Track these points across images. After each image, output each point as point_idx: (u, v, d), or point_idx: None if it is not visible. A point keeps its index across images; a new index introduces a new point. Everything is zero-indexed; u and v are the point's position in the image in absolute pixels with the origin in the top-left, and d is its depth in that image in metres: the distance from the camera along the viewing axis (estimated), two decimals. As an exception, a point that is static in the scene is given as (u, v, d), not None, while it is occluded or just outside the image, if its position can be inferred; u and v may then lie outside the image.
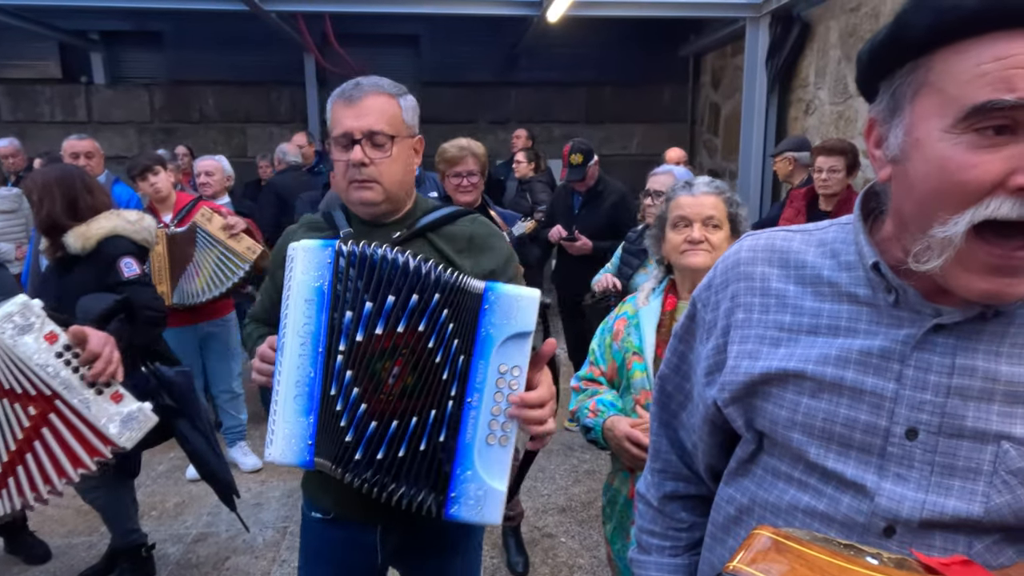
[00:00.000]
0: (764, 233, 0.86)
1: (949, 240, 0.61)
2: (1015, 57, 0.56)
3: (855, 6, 4.65)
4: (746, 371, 0.79)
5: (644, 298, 1.78)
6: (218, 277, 3.36)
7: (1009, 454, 0.65)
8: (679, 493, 1.00)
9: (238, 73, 7.50)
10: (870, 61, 0.69)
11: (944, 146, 0.61)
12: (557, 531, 3.16)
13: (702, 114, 7.71)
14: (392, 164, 1.35)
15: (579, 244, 3.89)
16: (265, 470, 3.75)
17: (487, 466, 1.14)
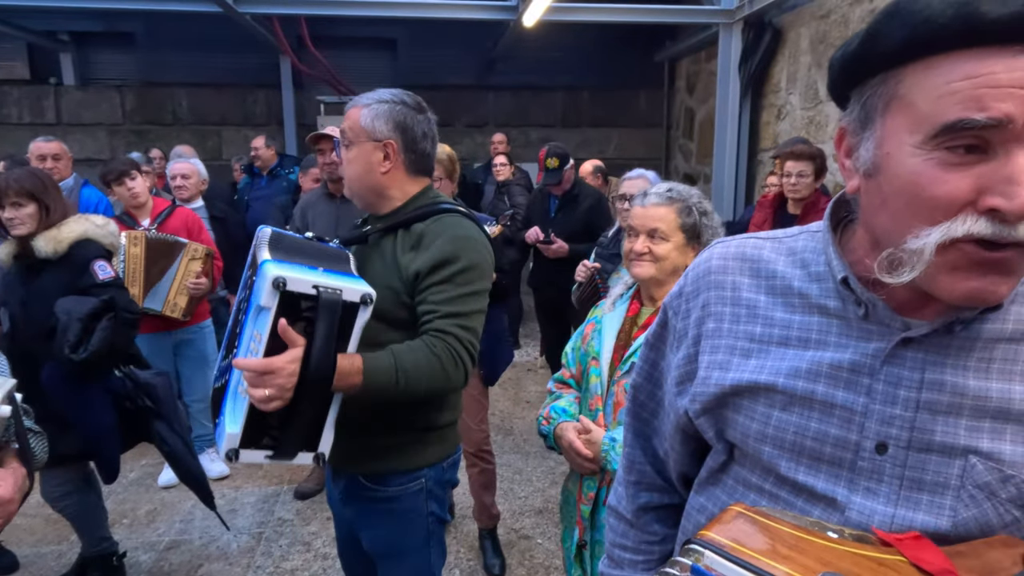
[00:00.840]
0: (735, 241, 0.85)
1: (919, 253, 0.60)
2: (986, 76, 0.55)
3: (825, 13, 4.74)
4: (717, 382, 0.79)
5: (611, 304, 1.80)
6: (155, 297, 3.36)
7: (976, 468, 0.65)
8: (653, 504, 0.99)
9: (212, 75, 7.43)
10: (842, 69, 0.68)
11: (915, 162, 0.60)
12: (534, 533, 3.18)
13: (677, 118, 7.80)
14: (349, 165, 1.57)
15: (555, 247, 3.91)
16: (239, 476, 3.72)
17: (232, 412, 1.34)
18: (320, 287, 1.28)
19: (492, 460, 2.97)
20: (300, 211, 3.13)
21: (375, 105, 1.54)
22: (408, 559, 1.68)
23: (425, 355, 1.43)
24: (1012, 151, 0.56)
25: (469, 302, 1.50)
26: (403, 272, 1.50)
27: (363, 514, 1.67)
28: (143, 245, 3.28)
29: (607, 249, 3.04)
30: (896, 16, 0.59)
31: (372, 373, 1.37)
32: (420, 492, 1.63)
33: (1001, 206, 0.56)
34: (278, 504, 3.42)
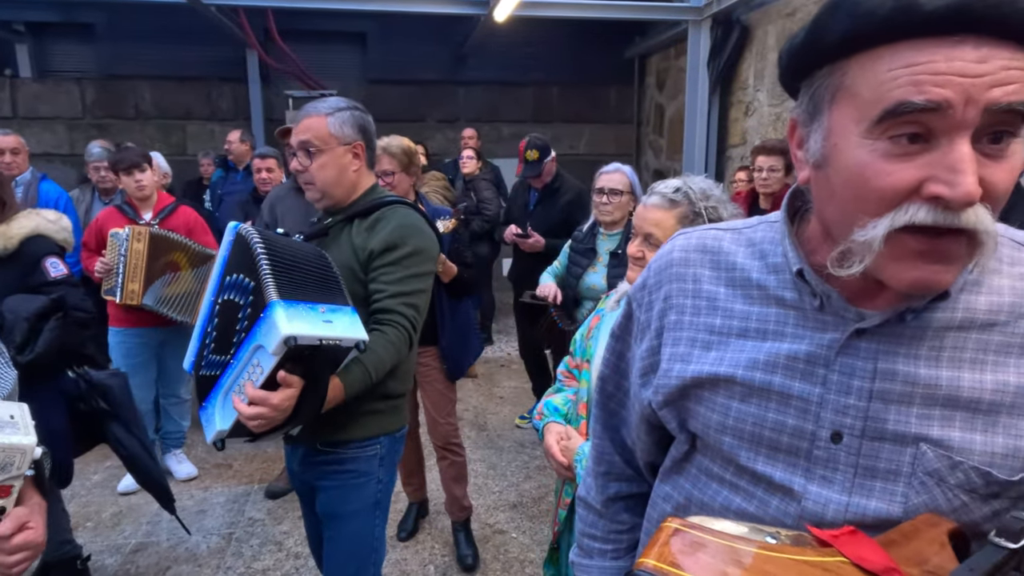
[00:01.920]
0: (695, 232, 0.86)
1: (869, 244, 0.61)
2: (924, 64, 0.56)
3: (791, 11, 4.82)
4: (678, 374, 0.80)
5: (614, 302, 1.69)
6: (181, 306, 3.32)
7: (927, 455, 0.66)
8: (622, 494, 1.00)
9: (176, 68, 7.25)
10: (789, 62, 0.69)
11: (861, 152, 0.61)
12: (508, 527, 3.18)
13: (647, 114, 7.85)
14: (320, 170, 1.71)
15: (531, 241, 3.87)
16: (209, 477, 3.65)
17: (222, 407, 1.50)
18: (324, 341, 1.38)
19: (461, 452, 2.97)
20: (269, 205, 3.09)
21: (338, 112, 1.73)
22: (352, 521, 1.81)
23: (383, 345, 1.63)
24: (954, 139, 0.57)
25: (413, 282, 1.72)
26: (358, 253, 1.71)
27: (319, 476, 1.81)
28: (146, 241, 3.21)
29: (581, 244, 3.03)
30: (839, 9, 0.61)
31: (351, 386, 1.59)
32: (375, 457, 1.81)
33: (944, 194, 0.57)
34: (248, 504, 3.37)
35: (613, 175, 2.85)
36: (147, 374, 3.50)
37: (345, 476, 1.78)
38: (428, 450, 3.22)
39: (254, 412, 1.40)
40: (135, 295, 3.21)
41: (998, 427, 0.65)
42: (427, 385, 2.87)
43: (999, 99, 0.56)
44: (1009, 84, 0.56)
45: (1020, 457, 0.65)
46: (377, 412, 1.79)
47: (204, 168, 5.81)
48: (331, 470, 1.79)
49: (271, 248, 1.48)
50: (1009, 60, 0.56)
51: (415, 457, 3.08)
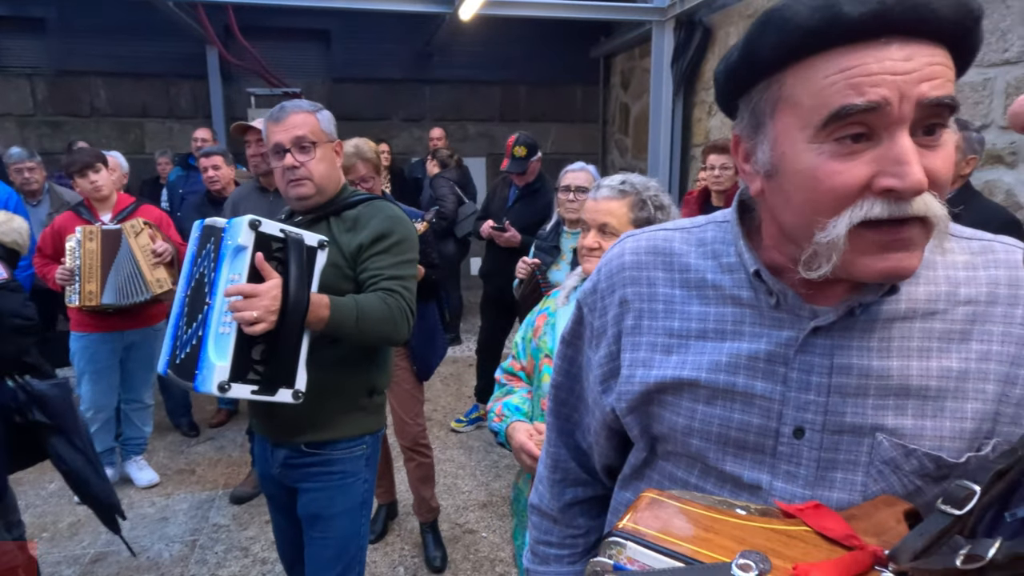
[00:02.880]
0: (644, 233, 0.86)
1: (833, 243, 0.63)
2: (857, 67, 0.59)
3: (752, 13, 4.91)
4: (641, 380, 0.80)
5: (564, 297, 1.72)
6: (123, 292, 3.22)
7: (882, 445, 0.69)
8: (578, 499, 1.00)
9: (133, 64, 7.05)
10: (726, 81, 0.71)
11: (810, 156, 0.63)
12: (478, 526, 3.18)
13: (613, 114, 7.92)
14: (318, 163, 1.73)
15: (508, 235, 3.88)
16: (171, 483, 3.57)
17: (217, 349, 1.46)
18: (286, 231, 1.52)
19: (429, 453, 2.96)
20: (232, 205, 3.04)
21: (321, 111, 1.78)
22: (340, 522, 1.80)
23: (379, 303, 1.65)
24: (895, 134, 0.60)
25: (405, 268, 1.75)
26: (344, 249, 1.71)
27: (303, 477, 1.80)
28: (99, 240, 3.13)
29: (546, 242, 3.05)
30: (768, 25, 0.63)
31: (337, 307, 1.58)
32: (361, 457, 1.82)
33: (895, 185, 0.60)
34: (213, 510, 3.30)
35: (579, 173, 2.89)
36: (111, 379, 3.42)
37: (332, 477, 1.78)
38: (396, 451, 3.20)
39: (245, 304, 1.42)
40: (94, 296, 3.13)
41: (945, 412, 0.69)
42: (395, 386, 2.85)
43: (927, 93, 0.59)
44: (935, 79, 0.60)
45: (965, 439, 0.68)
46: (364, 410, 1.81)
47: (161, 167, 5.68)
48: (317, 471, 1.78)
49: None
50: (931, 57, 0.60)
51: (384, 459, 3.05)
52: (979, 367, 0.69)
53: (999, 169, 3.11)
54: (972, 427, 0.68)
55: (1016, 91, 2.99)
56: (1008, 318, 0.70)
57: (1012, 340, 0.69)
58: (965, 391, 0.69)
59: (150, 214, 3.41)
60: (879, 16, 0.58)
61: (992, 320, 0.70)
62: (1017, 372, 0.69)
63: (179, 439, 4.12)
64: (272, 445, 1.82)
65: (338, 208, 1.77)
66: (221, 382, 1.44)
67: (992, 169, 3.13)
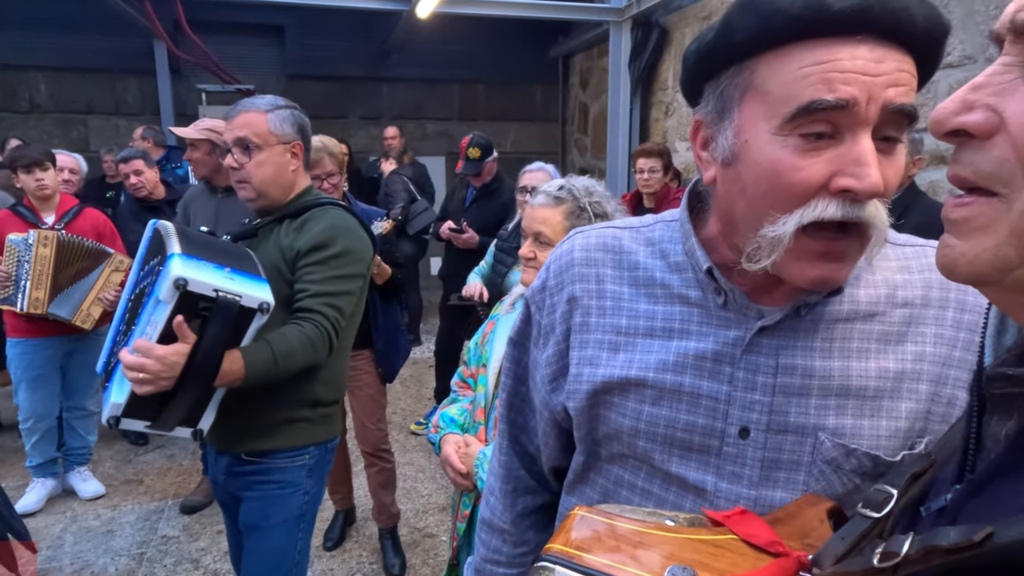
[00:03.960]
0: (594, 231, 0.86)
1: (779, 239, 0.63)
2: (833, 62, 0.59)
3: (707, 15, 4.98)
4: (588, 379, 0.79)
5: (509, 305, 1.67)
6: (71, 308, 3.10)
7: (824, 445, 0.70)
8: (529, 508, 0.98)
9: (76, 58, 6.78)
10: (697, 62, 0.70)
11: (774, 149, 0.63)
12: (438, 530, 3.14)
13: (572, 113, 7.95)
14: (258, 167, 1.65)
15: (465, 237, 3.86)
16: (118, 494, 3.44)
17: (119, 383, 1.41)
18: (220, 292, 1.35)
19: (391, 459, 2.92)
20: (183, 206, 2.97)
21: (277, 110, 1.68)
22: (274, 534, 1.73)
23: (297, 337, 1.57)
24: (858, 134, 0.60)
25: (340, 284, 1.67)
26: (286, 253, 1.66)
27: (243, 487, 1.74)
28: (53, 246, 2.99)
29: (507, 242, 3.05)
30: (749, 8, 0.63)
31: (252, 365, 1.49)
32: (303, 467, 1.75)
33: (853, 186, 0.60)
34: (162, 521, 3.19)
35: (536, 173, 2.88)
36: (51, 387, 3.27)
37: (270, 487, 1.72)
38: (355, 455, 3.14)
39: (136, 362, 1.32)
40: (40, 304, 2.99)
41: (882, 411, 0.70)
42: (356, 390, 2.79)
43: (893, 99, 0.60)
44: (901, 85, 0.60)
45: (900, 437, 0.70)
46: (306, 420, 1.74)
47: (107, 166, 5.47)
48: (256, 480, 1.73)
49: (180, 229, 1.48)
50: (899, 63, 0.61)
51: (342, 465, 2.99)
52: (914, 367, 0.71)
53: (943, 169, 3.21)
54: (906, 426, 0.70)
55: (958, 94, 3.09)
56: (939, 320, 0.72)
57: (943, 341, 0.71)
58: (900, 391, 0.70)
59: (95, 219, 3.28)
60: (860, 12, 0.58)
61: (925, 322, 0.72)
62: (947, 372, 0.71)
63: (126, 448, 3.97)
64: (216, 452, 1.78)
65: (295, 211, 1.72)
66: (111, 417, 1.43)
67: (937, 169, 3.24)
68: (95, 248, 3.12)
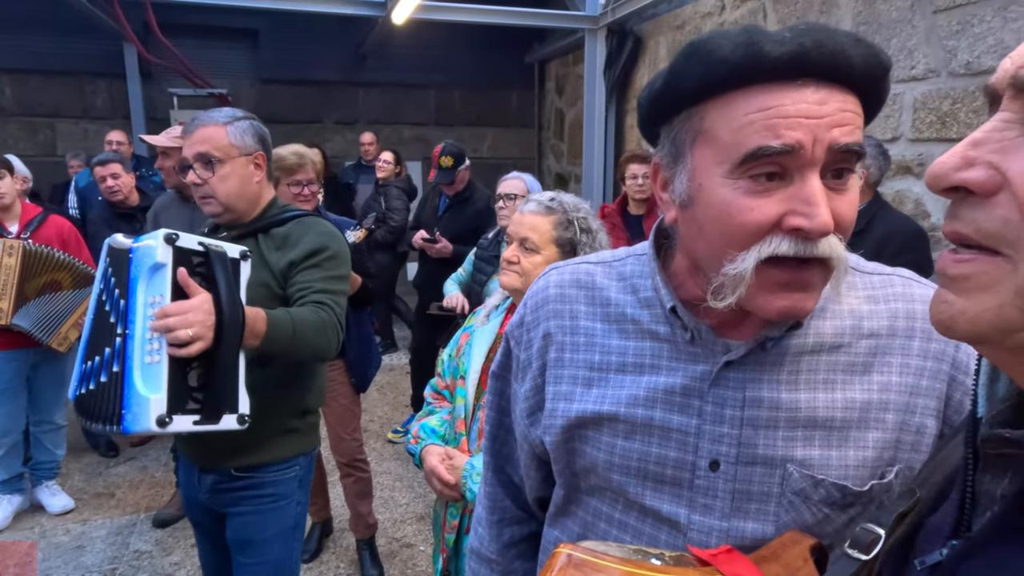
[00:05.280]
0: (568, 267, 0.88)
1: (740, 276, 0.64)
2: (776, 108, 0.61)
3: (680, 24, 5.04)
4: (563, 414, 0.81)
5: (484, 316, 1.70)
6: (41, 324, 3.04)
7: (793, 476, 0.71)
8: (515, 538, 1.00)
9: (42, 61, 6.62)
10: (649, 108, 0.72)
11: (725, 191, 0.65)
12: (416, 540, 3.13)
13: (548, 119, 7.99)
14: (222, 181, 1.64)
15: (439, 246, 3.85)
16: (88, 508, 3.37)
17: (147, 380, 1.32)
18: (205, 243, 1.40)
19: (367, 469, 2.90)
20: (153, 215, 2.94)
21: (237, 122, 1.67)
22: (272, 546, 1.74)
23: (313, 315, 1.57)
24: (806, 175, 0.62)
25: (336, 283, 1.69)
26: (274, 268, 1.65)
27: (233, 502, 1.72)
28: (19, 256, 2.92)
29: (487, 251, 3.06)
30: (693, 56, 0.64)
31: (274, 320, 1.49)
32: (294, 479, 1.76)
33: (803, 225, 0.62)
34: (134, 535, 3.13)
35: (511, 181, 2.92)
36: (16, 400, 3.19)
37: (264, 500, 1.72)
38: (331, 466, 3.12)
39: (176, 321, 1.28)
40: (3, 315, 2.92)
41: (849, 442, 0.72)
42: (331, 401, 2.78)
43: (839, 139, 0.62)
44: (845, 125, 0.62)
45: (868, 467, 0.71)
46: (296, 431, 1.75)
47: (73, 171, 5.36)
48: (248, 495, 1.72)
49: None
50: (843, 103, 0.63)
51: (318, 476, 2.97)
52: (880, 397, 0.72)
53: (908, 179, 3.29)
54: (874, 455, 0.71)
55: (923, 106, 3.17)
56: (906, 350, 0.73)
57: (910, 371, 0.73)
58: (867, 421, 0.72)
59: (60, 227, 3.21)
60: (797, 59, 0.60)
61: (891, 352, 0.73)
62: (915, 401, 0.72)
63: (96, 460, 3.89)
64: (200, 470, 1.74)
65: (267, 225, 1.70)
66: (160, 416, 1.29)
67: (902, 179, 3.32)
68: (67, 260, 3.05)
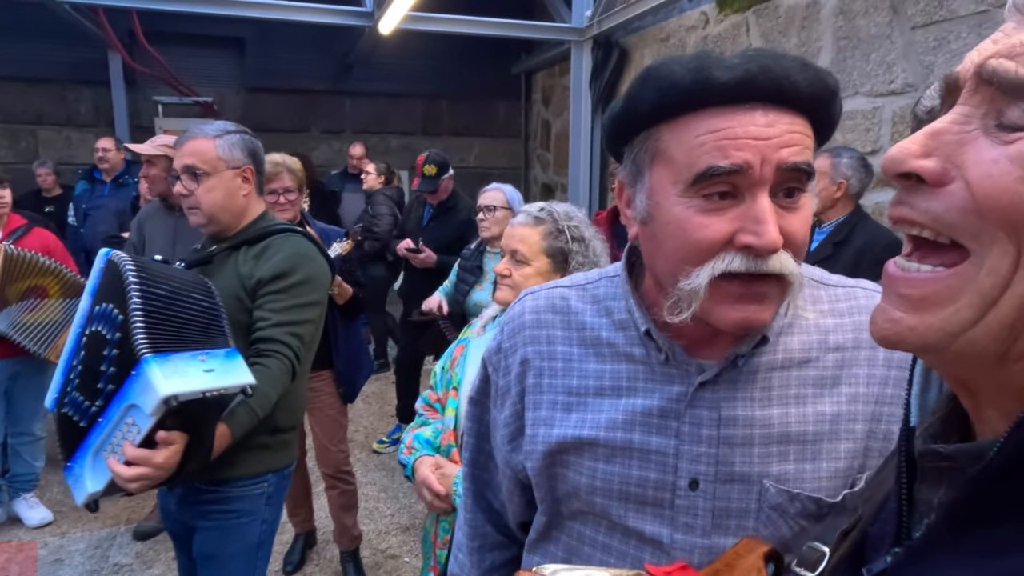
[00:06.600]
0: (542, 292, 0.89)
1: (695, 291, 0.66)
2: (726, 130, 0.64)
3: (664, 37, 5.10)
4: (543, 439, 0.82)
5: (480, 327, 1.69)
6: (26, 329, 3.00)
7: (769, 492, 0.73)
8: (496, 563, 1.00)
9: (25, 68, 6.56)
10: (610, 129, 0.75)
11: (680, 209, 0.67)
12: (401, 551, 3.11)
13: (535, 129, 8.03)
14: (207, 193, 1.65)
15: (423, 256, 3.84)
16: (67, 521, 3.32)
17: (93, 468, 1.40)
18: (208, 393, 1.32)
19: (352, 481, 2.89)
20: (137, 224, 2.90)
21: (227, 135, 1.69)
22: (231, 564, 1.72)
23: (266, 380, 1.56)
24: (756, 195, 0.65)
25: (301, 312, 1.68)
26: (245, 281, 1.66)
27: (198, 515, 1.71)
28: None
29: (469, 261, 3.06)
30: (648, 82, 0.68)
31: (238, 430, 1.52)
32: (261, 496, 1.74)
33: (753, 243, 0.64)
34: (114, 548, 3.09)
35: (490, 192, 2.93)
36: None
37: (228, 516, 1.70)
38: (315, 476, 3.10)
39: (135, 473, 1.32)
40: None
41: (822, 454, 0.73)
42: (317, 411, 2.76)
43: (786, 159, 0.64)
44: (793, 145, 0.65)
45: (840, 477, 0.73)
46: (265, 447, 1.72)
47: (42, 179, 5.31)
48: (213, 509, 1.70)
49: (145, 282, 1.38)
50: (790, 125, 0.65)
51: (302, 487, 2.95)
52: (849, 409, 0.74)
53: (888, 191, 3.35)
54: (845, 465, 0.73)
55: (901, 119, 3.23)
56: (871, 361, 0.75)
57: (876, 381, 0.75)
58: (838, 432, 0.74)
59: (45, 239, 3.19)
60: (744, 83, 0.63)
61: (858, 364, 0.75)
62: (880, 410, 0.74)
63: (76, 472, 3.84)
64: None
65: (251, 238, 1.71)
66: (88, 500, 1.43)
67: (882, 191, 3.37)
68: (52, 266, 3.01)
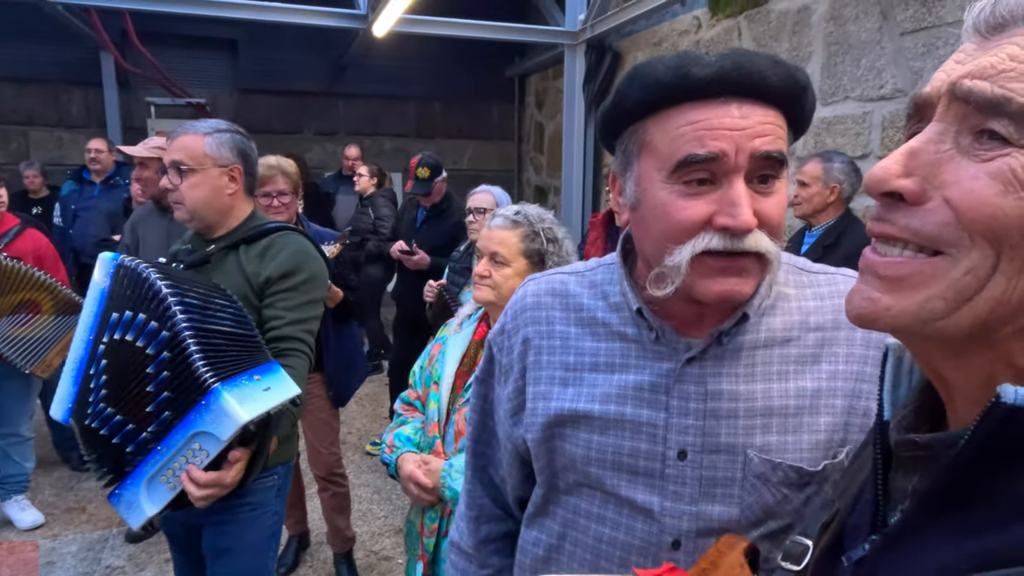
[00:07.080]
0: (543, 278, 0.97)
1: (677, 267, 0.73)
2: (703, 122, 0.71)
3: (657, 41, 5.13)
4: (543, 412, 0.88)
5: (457, 325, 1.77)
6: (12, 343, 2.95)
7: (753, 461, 0.78)
8: (492, 535, 1.05)
9: (15, 68, 6.53)
10: (603, 124, 0.82)
11: (664, 194, 0.74)
12: (394, 552, 3.12)
13: (528, 132, 8.05)
14: (191, 189, 1.67)
15: (416, 258, 3.85)
16: (59, 523, 3.31)
17: (149, 493, 1.42)
18: (271, 411, 1.39)
19: (345, 483, 2.89)
20: (130, 226, 2.91)
21: (217, 133, 1.70)
22: (247, 555, 1.75)
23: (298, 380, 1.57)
24: (732, 180, 0.72)
25: (310, 309, 1.72)
26: (252, 280, 1.67)
27: (208, 512, 1.68)
28: None
29: (459, 263, 3.08)
30: (634, 80, 0.75)
31: (282, 433, 1.60)
32: (272, 488, 1.78)
33: (728, 223, 0.71)
34: (106, 551, 3.08)
35: (480, 195, 2.96)
36: None
37: (242, 509, 1.73)
38: (308, 478, 3.10)
39: (207, 494, 1.38)
40: None
41: (803, 427, 0.79)
42: (308, 414, 2.76)
43: (759, 147, 0.71)
44: (766, 135, 0.72)
45: (821, 449, 0.79)
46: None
47: (29, 180, 5.28)
48: (226, 504, 1.68)
49: (177, 291, 1.40)
50: (763, 116, 0.72)
51: (296, 489, 2.95)
52: (829, 385, 0.80)
53: (878, 195, 3.38)
54: (825, 438, 0.79)
55: (891, 124, 3.27)
56: (850, 341, 0.81)
57: (855, 359, 0.81)
58: (818, 407, 0.79)
59: (37, 242, 3.17)
60: (720, 79, 0.70)
61: (837, 343, 0.81)
62: (860, 386, 0.80)
63: (68, 474, 3.82)
64: None
65: (248, 237, 1.73)
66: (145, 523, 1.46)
67: (872, 195, 3.41)
68: (48, 282, 2.94)
